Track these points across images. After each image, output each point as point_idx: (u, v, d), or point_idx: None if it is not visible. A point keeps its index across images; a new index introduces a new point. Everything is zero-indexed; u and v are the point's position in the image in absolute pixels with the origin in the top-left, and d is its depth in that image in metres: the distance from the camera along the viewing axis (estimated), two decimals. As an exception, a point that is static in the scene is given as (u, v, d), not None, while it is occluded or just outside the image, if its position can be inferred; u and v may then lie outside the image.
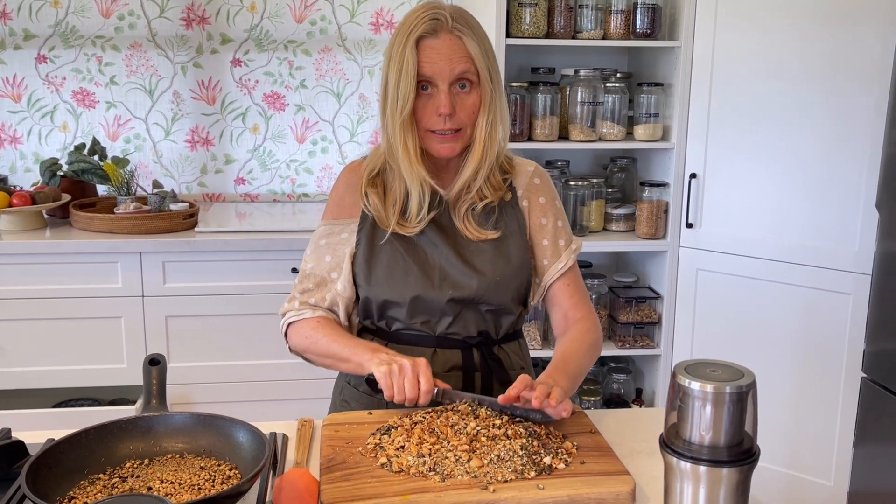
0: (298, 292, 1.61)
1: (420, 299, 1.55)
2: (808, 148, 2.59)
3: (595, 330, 1.61)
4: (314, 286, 1.60)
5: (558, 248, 1.63)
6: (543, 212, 1.63)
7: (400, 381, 1.37)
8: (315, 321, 1.57)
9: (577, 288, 1.64)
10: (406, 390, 1.37)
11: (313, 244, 1.63)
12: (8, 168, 3.24)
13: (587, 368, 1.56)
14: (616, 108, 2.92)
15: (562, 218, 1.66)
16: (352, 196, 1.62)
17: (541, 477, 1.23)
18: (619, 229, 3.04)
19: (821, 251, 2.62)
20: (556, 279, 1.62)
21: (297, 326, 1.58)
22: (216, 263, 2.79)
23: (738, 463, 1.02)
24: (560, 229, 1.64)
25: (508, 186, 1.63)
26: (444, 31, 1.46)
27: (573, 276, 1.64)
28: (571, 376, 1.48)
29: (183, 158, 3.31)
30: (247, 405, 2.80)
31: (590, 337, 1.59)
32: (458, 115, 1.49)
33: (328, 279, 1.59)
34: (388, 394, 1.38)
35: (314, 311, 1.58)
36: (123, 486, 1.18)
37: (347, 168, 1.67)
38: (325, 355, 1.54)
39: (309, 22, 3.27)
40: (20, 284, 2.71)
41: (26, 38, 3.15)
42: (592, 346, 1.58)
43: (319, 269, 1.60)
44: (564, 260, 1.62)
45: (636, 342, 3.03)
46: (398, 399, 1.38)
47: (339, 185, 1.65)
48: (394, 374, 1.38)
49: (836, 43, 2.49)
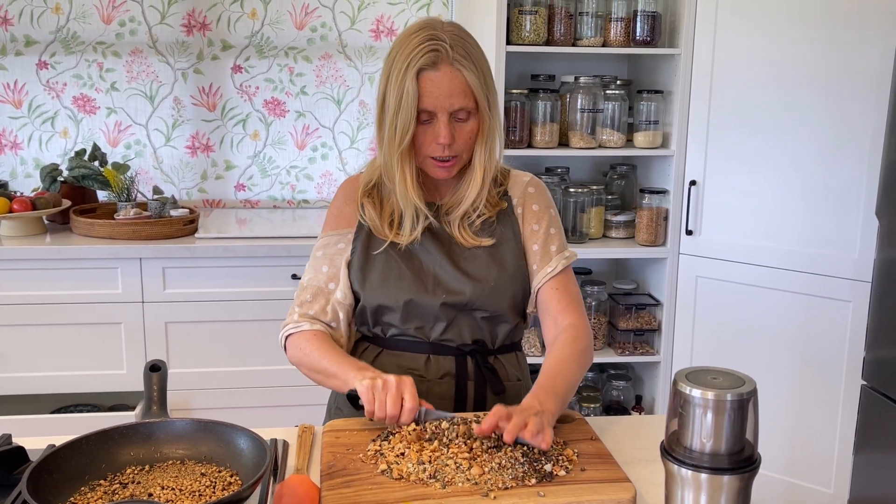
0: (297, 304, 1.61)
1: (413, 304, 1.55)
2: (808, 155, 2.60)
3: (583, 337, 1.56)
4: (312, 297, 1.60)
5: (549, 253, 1.61)
6: (536, 218, 1.63)
7: (382, 396, 1.34)
8: (311, 334, 1.56)
9: (566, 293, 1.60)
10: (388, 406, 1.33)
11: (312, 256, 1.65)
12: (8, 174, 3.24)
13: (578, 380, 1.51)
14: (616, 115, 2.93)
15: (556, 226, 1.65)
16: (350, 207, 1.64)
17: (542, 484, 1.23)
18: (619, 236, 3.05)
19: (820, 258, 2.62)
20: (544, 283, 1.60)
21: (294, 339, 1.58)
22: (216, 269, 2.79)
23: (739, 470, 1.02)
24: (552, 236, 1.63)
25: (503, 195, 1.64)
26: (445, 64, 1.46)
27: (563, 281, 1.60)
28: (559, 395, 1.42)
29: (183, 164, 3.31)
30: (246, 411, 2.80)
31: (578, 346, 1.53)
32: (457, 143, 1.51)
33: (325, 289, 1.60)
34: (369, 409, 1.35)
35: (312, 325, 1.58)
36: (124, 492, 1.18)
37: (347, 181, 1.70)
38: (314, 370, 1.54)
39: (309, 29, 3.28)
40: (20, 290, 2.71)
41: (27, 44, 3.15)
42: (582, 355, 1.53)
43: (316, 280, 1.61)
44: (554, 264, 1.60)
45: (636, 349, 3.03)
46: (378, 416, 1.35)
47: (338, 197, 1.68)
48: (376, 390, 1.35)
49: (837, 49, 2.50)
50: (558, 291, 1.60)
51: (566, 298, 1.59)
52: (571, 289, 1.61)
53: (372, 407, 1.35)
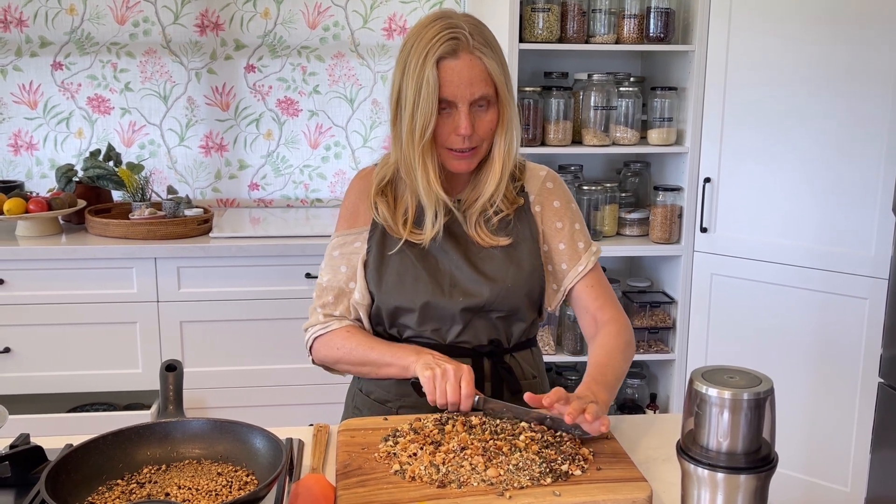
0: (319, 306, 1.60)
1: (430, 306, 1.54)
2: (823, 152, 2.58)
3: (626, 331, 1.59)
4: (334, 298, 1.59)
5: (577, 251, 1.61)
6: (558, 215, 1.62)
7: (443, 385, 1.39)
8: (345, 331, 1.57)
9: (602, 289, 1.62)
10: (448, 394, 1.39)
11: (328, 256, 1.62)
12: (24, 174, 3.26)
13: (625, 372, 1.54)
14: (630, 112, 2.92)
15: (579, 221, 1.64)
16: (365, 203, 1.60)
17: (557, 483, 1.22)
18: (633, 234, 3.04)
19: (836, 255, 2.60)
20: (577, 282, 1.60)
21: (326, 339, 1.58)
22: (230, 269, 2.80)
23: (756, 470, 1.02)
24: (577, 232, 1.62)
25: (520, 191, 1.61)
26: (465, 52, 1.43)
27: (596, 278, 1.62)
28: (610, 386, 1.45)
29: (197, 164, 3.33)
30: (261, 410, 2.81)
31: (622, 339, 1.56)
32: (477, 134, 1.47)
33: (346, 290, 1.58)
34: (431, 398, 1.40)
35: (341, 322, 1.58)
36: (141, 491, 1.19)
37: (359, 175, 1.66)
38: (362, 363, 1.54)
39: (322, 28, 3.28)
40: (36, 290, 2.73)
41: (42, 45, 3.17)
42: (627, 348, 1.56)
43: (336, 281, 1.59)
44: (584, 262, 1.61)
45: (650, 347, 3.02)
46: (440, 403, 1.40)
47: (351, 193, 1.64)
48: (437, 379, 1.40)
49: (851, 46, 2.48)
50: (593, 289, 1.61)
51: (603, 295, 1.62)
52: (605, 283, 1.64)
53: (434, 396, 1.40)
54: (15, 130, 3.23)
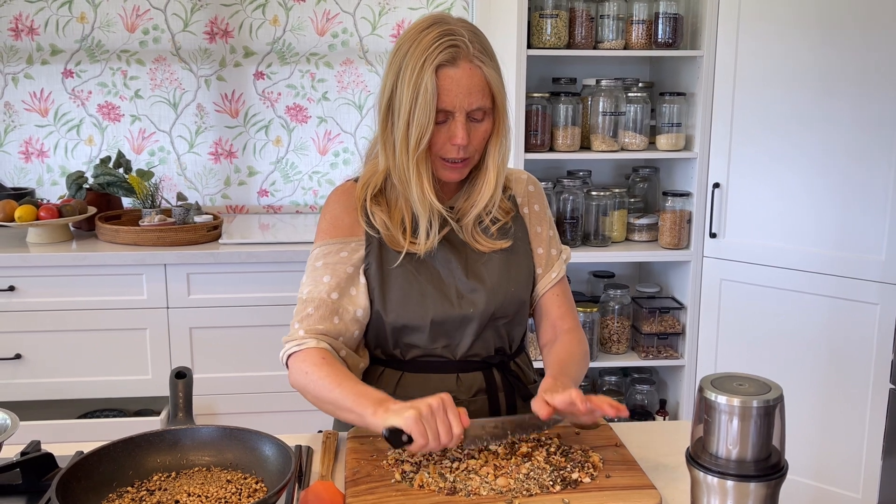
0: (298, 320, 1.46)
1: (440, 320, 1.48)
2: (833, 157, 2.57)
3: (583, 342, 1.58)
4: (314, 310, 1.45)
5: (551, 258, 1.61)
6: (538, 220, 1.62)
7: (433, 426, 1.21)
8: (317, 356, 1.40)
9: (565, 299, 1.61)
10: (442, 435, 1.21)
11: (310, 267, 1.51)
12: (35, 181, 3.28)
13: (582, 377, 1.52)
14: (638, 117, 2.91)
15: (552, 227, 1.65)
16: (349, 216, 1.52)
17: (566, 491, 1.22)
18: (642, 239, 3.03)
19: (847, 261, 2.59)
20: (548, 289, 1.60)
21: (298, 361, 1.43)
22: (240, 275, 2.81)
23: (765, 477, 1.02)
24: (552, 238, 1.63)
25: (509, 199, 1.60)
26: (465, 61, 1.37)
27: (563, 287, 1.62)
28: (573, 379, 1.44)
29: (207, 171, 3.34)
30: (271, 416, 2.81)
31: (581, 348, 1.56)
32: (471, 144, 1.42)
33: (328, 300, 1.46)
34: (423, 442, 1.20)
35: (319, 342, 1.43)
36: (151, 498, 1.19)
37: (339, 191, 1.56)
38: (323, 400, 1.38)
39: (331, 35, 3.29)
40: (47, 296, 2.74)
41: (53, 53, 3.19)
42: (584, 358, 1.55)
43: (318, 292, 1.46)
44: (557, 270, 1.61)
45: (659, 353, 3.01)
46: (432, 447, 1.21)
47: (331, 207, 1.54)
48: (426, 419, 1.20)
49: (861, 50, 2.48)
50: (559, 297, 1.61)
51: (566, 304, 1.61)
52: (569, 294, 1.64)
53: (426, 440, 1.20)
54: (26, 138, 3.25)
